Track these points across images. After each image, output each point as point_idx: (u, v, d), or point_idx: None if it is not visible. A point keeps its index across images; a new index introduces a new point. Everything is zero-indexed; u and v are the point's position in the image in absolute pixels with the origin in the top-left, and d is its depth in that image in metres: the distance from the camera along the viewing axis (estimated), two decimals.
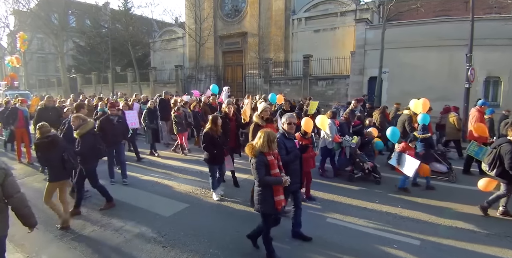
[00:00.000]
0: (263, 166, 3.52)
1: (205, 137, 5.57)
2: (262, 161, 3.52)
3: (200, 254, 4.00)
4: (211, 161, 5.71)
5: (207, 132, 5.57)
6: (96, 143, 5.35)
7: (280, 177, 3.56)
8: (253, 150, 3.57)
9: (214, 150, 5.57)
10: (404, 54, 15.43)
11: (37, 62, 42.23)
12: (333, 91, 18.28)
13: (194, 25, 22.64)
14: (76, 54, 34.46)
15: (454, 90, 13.29)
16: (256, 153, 3.54)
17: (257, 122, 5.15)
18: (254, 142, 3.64)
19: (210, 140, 5.54)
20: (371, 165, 6.83)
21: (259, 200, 3.65)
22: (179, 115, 9.53)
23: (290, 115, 4.24)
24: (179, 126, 9.47)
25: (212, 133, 5.55)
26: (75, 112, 6.02)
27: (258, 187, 3.65)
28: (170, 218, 5.12)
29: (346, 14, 19.29)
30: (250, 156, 3.60)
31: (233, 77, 25.26)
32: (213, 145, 5.55)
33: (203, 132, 5.86)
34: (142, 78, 26.84)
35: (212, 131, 5.57)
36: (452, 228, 4.71)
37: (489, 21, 13.57)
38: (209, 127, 5.60)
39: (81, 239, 4.43)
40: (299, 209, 4.39)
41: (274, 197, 3.56)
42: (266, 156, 3.54)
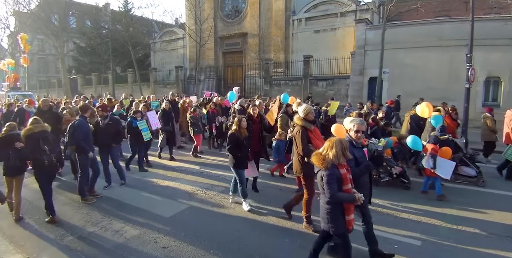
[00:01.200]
0: (335, 180, 3.12)
1: (231, 138, 5.25)
2: (334, 174, 3.12)
3: (200, 254, 3.99)
4: (237, 165, 5.32)
5: (232, 133, 5.27)
6: (35, 150, 4.87)
7: (353, 194, 3.15)
8: (325, 161, 3.15)
9: (239, 153, 5.24)
10: (404, 54, 15.44)
11: (38, 63, 42.32)
12: (333, 91, 18.30)
13: (195, 26, 22.70)
14: (76, 55, 34.54)
15: (454, 90, 13.29)
16: (328, 165, 3.13)
17: (304, 126, 4.53)
18: (324, 151, 3.23)
19: (235, 141, 5.23)
20: (400, 170, 6.46)
21: (328, 219, 3.27)
22: (195, 116, 9.22)
23: (360, 121, 3.76)
24: (195, 128, 9.17)
25: (238, 135, 5.24)
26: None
27: (327, 204, 3.25)
28: (171, 219, 5.11)
29: (346, 15, 19.34)
30: (321, 167, 3.19)
31: (233, 78, 25.31)
32: (238, 147, 5.23)
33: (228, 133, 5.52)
34: (143, 79, 26.89)
35: (238, 132, 5.25)
36: (452, 228, 4.70)
37: (489, 22, 13.58)
38: (235, 129, 5.30)
39: (81, 239, 4.42)
40: (370, 224, 3.94)
41: (345, 216, 3.21)
42: (339, 168, 3.15)
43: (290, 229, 4.67)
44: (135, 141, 7.66)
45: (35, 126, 4.99)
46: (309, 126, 4.56)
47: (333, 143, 3.17)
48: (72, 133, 5.66)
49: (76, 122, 5.73)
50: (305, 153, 4.28)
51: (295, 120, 4.71)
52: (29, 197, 6.03)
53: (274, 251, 4.08)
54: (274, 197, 6.03)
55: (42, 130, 5.01)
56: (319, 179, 3.25)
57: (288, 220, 4.93)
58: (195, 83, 23.64)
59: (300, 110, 4.68)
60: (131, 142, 7.71)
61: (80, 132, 5.67)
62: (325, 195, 3.22)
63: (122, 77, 29.06)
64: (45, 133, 5.02)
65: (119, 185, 6.71)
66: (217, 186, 6.67)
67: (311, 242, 4.26)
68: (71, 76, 31.76)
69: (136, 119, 7.58)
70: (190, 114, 9.21)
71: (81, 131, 5.70)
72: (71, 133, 5.67)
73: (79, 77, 32.48)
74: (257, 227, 4.77)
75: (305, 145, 4.35)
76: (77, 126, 5.67)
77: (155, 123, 8.47)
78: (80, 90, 30.25)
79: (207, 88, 24.18)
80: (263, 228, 4.74)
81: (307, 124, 4.55)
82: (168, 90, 23.81)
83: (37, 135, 4.90)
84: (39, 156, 4.84)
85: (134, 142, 7.70)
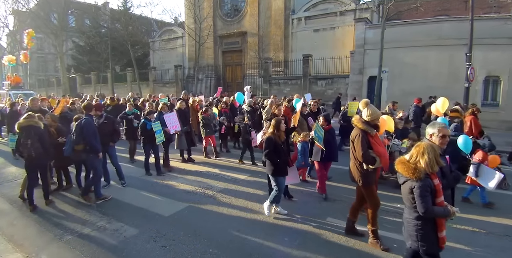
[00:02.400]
0: (429, 192, 2.71)
1: (268, 143, 4.84)
2: (428, 186, 2.70)
3: (200, 253, 3.99)
4: (276, 172, 4.91)
5: (270, 137, 4.86)
6: None
7: (447, 208, 2.75)
8: (417, 170, 2.72)
9: (278, 158, 4.84)
10: (404, 53, 15.44)
11: (37, 62, 42.23)
12: (332, 91, 18.30)
13: (194, 24, 22.67)
14: (75, 54, 34.46)
15: (454, 89, 13.28)
16: (421, 175, 2.70)
17: (364, 130, 4.05)
18: (413, 159, 2.81)
19: (274, 146, 4.83)
20: None
21: (418, 236, 2.83)
22: (207, 116, 8.84)
23: (444, 125, 3.20)
24: (207, 129, 8.80)
25: (276, 139, 4.86)
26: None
27: (417, 220, 2.82)
28: (170, 218, 5.11)
29: (346, 14, 19.32)
30: (411, 177, 2.74)
31: (232, 77, 25.29)
32: (276, 153, 4.83)
33: (264, 137, 5.12)
34: (142, 78, 26.85)
35: (276, 136, 4.86)
36: (451, 228, 4.70)
37: (488, 21, 13.59)
38: (271, 132, 4.90)
39: (80, 238, 4.42)
40: None
41: (437, 233, 2.80)
42: (432, 178, 2.74)
43: (289, 228, 4.68)
44: (148, 141, 7.29)
45: (24, 120, 5.39)
46: (371, 131, 4.10)
47: (424, 148, 2.75)
48: (79, 132, 5.51)
49: (84, 121, 5.58)
50: (366, 160, 3.97)
51: (355, 122, 4.19)
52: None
53: (273, 250, 4.08)
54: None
55: (28, 125, 5.34)
56: (407, 191, 2.82)
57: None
58: (195, 83, 23.63)
59: (365, 113, 4.16)
60: (144, 142, 7.40)
61: (89, 131, 5.58)
62: (413, 209, 2.83)
63: (121, 76, 29.02)
64: (30, 127, 5.34)
65: (121, 185, 6.67)
66: (216, 185, 6.66)
67: (311, 241, 4.28)
68: (70, 75, 31.69)
69: (150, 121, 7.24)
70: (202, 114, 8.84)
71: (90, 129, 5.61)
72: (78, 132, 5.53)
73: (78, 76, 32.42)
74: (256, 227, 4.77)
75: (365, 150, 3.97)
76: (86, 125, 5.54)
77: (174, 126, 7.71)
78: (79, 91, 30.19)
79: (206, 87, 24.19)
80: (263, 228, 4.74)
81: (368, 129, 4.08)
82: (167, 89, 23.89)
83: (23, 129, 5.33)
84: (20, 148, 5.37)
85: (147, 143, 7.33)
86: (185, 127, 8.44)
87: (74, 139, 5.60)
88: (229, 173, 7.51)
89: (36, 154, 5.32)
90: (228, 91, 19.56)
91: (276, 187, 4.96)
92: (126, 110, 8.93)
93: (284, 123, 5.02)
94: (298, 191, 6.25)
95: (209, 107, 9.36)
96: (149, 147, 7.39)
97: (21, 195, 5.93)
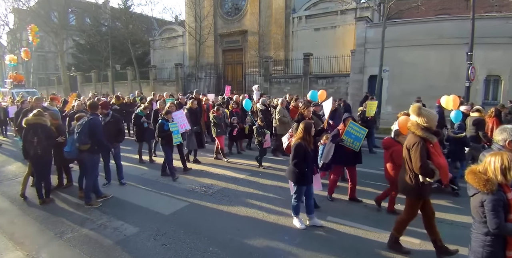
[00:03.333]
0: (502, 207, 2.44)
1: (298, 150, 4.36)
2: (501, 200, 2.43)
3: (200, 252, 4.00)
4: (301, 180, 4.51)
5: (299, 143, 4.37)
6: None
7: None
8: (489, 182, 2.44)
9: (306, 167, 4.42)
10: (405, 52, 15.40)
11: (37, 60, 42.17)
12: (333, 89, 18.25)
13: (194, 23, 22.63)
14: (76, 52, 34.40)
15: (454, 89, 13.21)
16: (494, 188, 2.43)
17: (425, 138, 3.59)
18: (480, 168, 2.55)
19: (303, 153, 4.38)
20: (450, 176, 5.69)
21: (484, 253, 2.57)
22: (218, 116, 8.60)
23: None
24: (219, 129, 8.55)
25: (306, 145, 4.40)
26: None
27: (487, 235, 2.55)
28: (170, 216, 5.11)
29: (347, 13, 19.27)
30: (483, 190, 2.47)
31: (233, 76, 25.26)
32: (305, 161, 4.40)
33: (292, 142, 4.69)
34: (142, 77, 26.81)
35: (306, 142, 4.39)
36: (452, 226, 4.70)
37: (489, 20, 13.56)
38: (301, 137, 4.41)
39: (80, 237, 4.43)
40: None
41: (505, 252, 2.54)
42: (505, 192, 2.47)
43: (290, 227, 4.68)
44: (167, 143, 7.02)
45: (33, 117, 5.43)
46: (432, 138, 3.60)
47: (498, 157, 2.43)
48: (86, 131, 5.33)
49: (91, 120, 5.43)
50: (425, 173, 3.56)
51: (412, 128, 3.68)
52: (29, 195, 6.04)
53: (274, 249, 4.08)
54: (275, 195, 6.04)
55: (35, 122, 5.40)
56: (477, 204, 2.55)
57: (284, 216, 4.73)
58: (195, 81, 23.60)
59: (425, 116, 3.63)
60: (162, 144, 7.09)
61: (100, 130, 5.52)
62: (482, 224, 2.57)
63: (122, 74, 28.97)
64: (38, 125, 5.40)
65: (119, 184, 6.66)
66: (216, 184, 6.66)
67: (311, 240, 4.28)
68: (71, 74, 31.64)
69: (168, 121, 6.98)
70: (213, 113, 8.62)
71: (100, 129, 5.54)
72: (85, 131, 5.33)
73: (79, 75, 32.36)
74: (257, 225, 4.78)
75: (424, 161, 3.52)
76: (95, 125, 5.42)
77: (183, 125, 7.51)
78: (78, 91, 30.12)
79: (206, 86, 24.16)
80: (263, 226, 4.74)
81: (429, 136, 3.58)
82: (167, 88, 23.84)
83: (30, 126, 5.39)
84: (27, 146, 5.40)
85: (166, 143, 7.04)
86: (195, 127, 8.18)
87: (80, 139, 5.38)
88: (229, 173, 7.51)
89: (42, 151, 5.38)
90: (236, 90, 19.47)
91: (295, 195, 4.60)
92: (138, 111, 8.58)
93: (314, 128, 4.66)
94: None
95: (221, 107, 9.02)
96: (169, 148, 7.07)
97: (22, 193, 5.92)
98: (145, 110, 8.55)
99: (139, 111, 8.52)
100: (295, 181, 4.55)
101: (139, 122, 8.40)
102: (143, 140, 8.65)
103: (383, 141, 5.26)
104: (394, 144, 4.99)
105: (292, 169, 4.49)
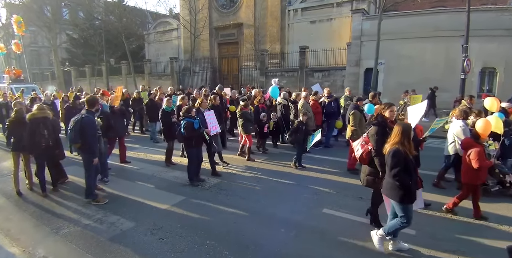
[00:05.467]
0: None
1: (398, 158, 3.51)
2: None
3: (197, 245, 4.01)
4: (407, 197, 3.58)
5: (397, 150, 3.52)
6: None
7: None
8: None
9: (410, 179, 3.55)
10: (400, 45, 15.40)
11: (31, 55, 41.69)
12: (329, 83, 18.22)
13: (189, 16, 22.38)
14: (69, 47, 34.02)
15: (450, 81, 13.32)
16: None
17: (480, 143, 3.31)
18: None
19: (404, 163, 3.51)
20: None
21: None
22: (247, 111, 7.96)
23: None
24: (250, 126, 7.96)
25: (406, 152, 3.53)
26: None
27: None
28: (167, 210, 5.12)
29: (343, 5, 19.15)
30: None
31: (228, 69, 25.12)
32: (407, 172, 3.53)
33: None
34: (137, 71, 26.62)
35: (405, 148, 3.54)
36: (446, 218, 4.76)
37: (485, 12, 13.56)
38: (399, 141, 3.56)
39: (77, 232, 4.42)
40: None
41: None
42: None
43: (286, 220, 4.70)
44: (196, 144, 6.27)
45: (38, 111, 5.65)
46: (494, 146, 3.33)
47: None
48: (78, 129, 5.14)
49: (84, 118, 5.18)
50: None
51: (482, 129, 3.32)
52: (24, 191, 6.02)
53: (270, 241, 4.10)
54: (271, 188, 6.06)
55: (44, 116, 5.66)
56: None
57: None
58: (190, 75, 23.46)
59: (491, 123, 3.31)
60: (191, 145, 6.24)
61: (91, 131, 5.22)
62: None
63: (116, 69, 28.73)
64: (46, 119, 5.67)
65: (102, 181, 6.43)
66: (212, 179, 6.65)
67: (307, 232, 4.31)
68: (65, 69, 31.34)
69: (195, 118, 6.20)
70: (242, 109, 7.97)
71: (92, 129, 5.24)
72: (77, 129, 5.14)
73: (73, 70, 32.05)
74: (253, 219, 4.80)
75: None
76: (86, 123, 5.15)
77: (214, 127, 6.63)
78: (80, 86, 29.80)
79: (202, 80, 24.03)
80: (259, 219, 4.77)
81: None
82: (163, 82, 23.70)
83: (39, 119, 5.57)
84: (38, 139, 5.51)
85: (194, 145, 6.25)
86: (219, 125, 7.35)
87: (71, 137, 5.27)
88: (225, 167, 7.50)
89: (53, 143, 5.72)
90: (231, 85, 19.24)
91: (404, 218, 3.65)
92: (164, 106, 7.74)
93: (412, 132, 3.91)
94: (294, 184, 6.29)
95: (248, 102, 8.41)
96: (196, 150, 6.32)
97: (17, 191, 5.91)
98: (170, 105, 7.81)
99: (166, 107, 7.69)
100: (400, 199, 3.59)
101: (168, 119, 7.55)
102: (175, 138, 7.41)
103: (462, 141, 4.91)
104: (474, 144, 4.59)
105: (392, 183, 3.60)
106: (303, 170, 7.14)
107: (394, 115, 4.36)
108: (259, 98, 9.15)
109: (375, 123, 4.18)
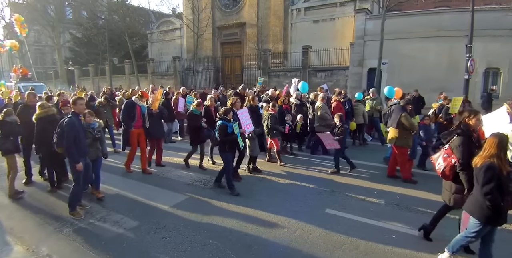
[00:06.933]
0: None
1: (491, 173, 3.03)
2: None
3: (200, 244, 4.02)
4: (493, 219, 3.14)
5: (492, 165, 3.03)
6: None
7: None
8: None
9: (502, 200, 3.02)
10: (404, 45, 15.33)
11: (34, 54, 41.82)
12: (332, 82, 18.17)
13: (192, 15, 22.43)
14: (73, 46, 34.14)
15: (453, 81, 13.25)
16: None
17: None
18: None
19: (497, 180, 3.01)
20: None
21: None
22: (275, 114, 7.46)
23: None
24: (276, 129, 7.46)
25: (501, 168, 3.03)
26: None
27: None
28: (170, 210, 5.13)
29: (346, 4, 19.09)
30: None
31: (231, 69, 25.11)
32: (500, 191, 3.02)
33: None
34: (140, 70, 26.66)
35: (501, 162, 3.05)
36: (449, 218, 4.73)
37: (489, 12, 13.48)
38: (494, 154, 3.06)
39: (80, 231, 4.44)
40: None
41: None
42: None
43: (288, 220, 4.69)
44: (230, 148, 5.84)
45: (47, 110, 5.63)
46: None
47: None
48: (61, 133, 4.77)
49: (66, 120, 4.70)
50: None
51: None
52: (28, 189, 6.05)
53: (273, 241, 4.10)
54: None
55: (53, 113, 5.69)
56: None
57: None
58: (193, 75, 23.47)
59: None
60: (225, 149, 5.81)
61: (67, 132, 4.63)
62: None
63: (119, 68, 28.80)
64: (53, 116, 5.67)
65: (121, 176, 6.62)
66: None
67: (310, 232, 4.31)
68: (68, 68, 31.47)
69: (230, 121, 5.75)
70: (269, 110, 7.47)
71: (71, 133, 4.64)
72: (59, 133, 4.80)
73: (76, 69, 32.17)
74: (256, 218, 4.80)
75: None
76: (66, 126, 4.64)
77: (248, 126, 6.13)
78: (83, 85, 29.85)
79: (205, 79, 24.04)
80: (262, 219, 4.76)
81: None
82: (166, 82, 23.71)
83: (51, 117, 5.58)
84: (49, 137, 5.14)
85: (229, 149, 5.83)
86: (257, 128, 6.78)
87: (55, 140, 4.90)
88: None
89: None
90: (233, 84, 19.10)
91: (473, 234, 3.27)
92: (192, 108, 7.13)
93: None
94: (297, 184, 6.29)
95: (276, 103, 7.97)
96: (231, 154, 5.91)
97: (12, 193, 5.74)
98: (199, 108, 7.15)
99: (194, 109, 7.09)
100: (486, 220, 3.13)
101: (195, 122, 7.06)
102: (202, 141, 7.23)
103: None
104: None
105: (481, 201, 3.12)
106: (306, 170, 7.13)
107: (480, 124, 3.95)
108: (283, 99, 8.62)
109: (459, 133, 3.67)
